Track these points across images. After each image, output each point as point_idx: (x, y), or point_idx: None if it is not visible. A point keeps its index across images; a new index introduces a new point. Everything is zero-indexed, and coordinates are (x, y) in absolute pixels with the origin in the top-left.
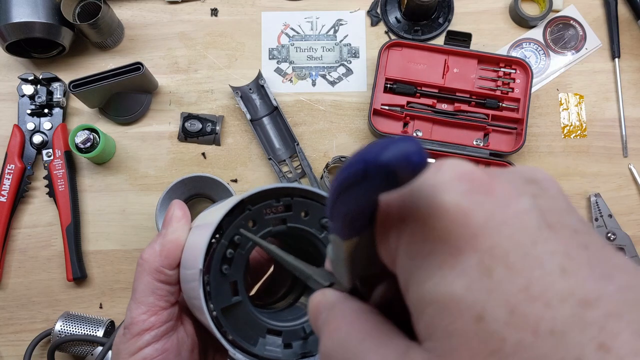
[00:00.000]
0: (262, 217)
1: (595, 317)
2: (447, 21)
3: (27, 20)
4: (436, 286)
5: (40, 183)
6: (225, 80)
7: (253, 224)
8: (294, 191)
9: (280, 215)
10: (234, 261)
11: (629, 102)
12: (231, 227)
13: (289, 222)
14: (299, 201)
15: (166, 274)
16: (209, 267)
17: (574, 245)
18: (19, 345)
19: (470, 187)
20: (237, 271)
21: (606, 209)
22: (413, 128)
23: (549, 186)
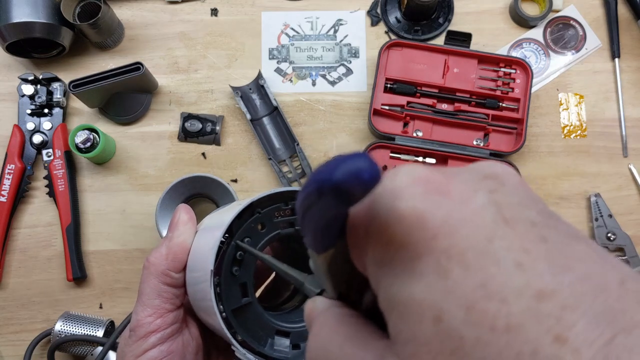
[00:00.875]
0: (271, 220)
1: (550, 310)
2: (447, 21)
3: (27, 20)
4: (398, 291)
5: (40, 183)
6: (225, 80)
7: (262, 227)
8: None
9: (288, 218)
10: (244, 263)
11: (629, 102)
12: (241, 230)
13: (297, 225)
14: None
15: (172, 276)
16: (219, 269)
17: (531, 239)
18: (19, 345)
19: (426, 189)
20: (247, 273)
21: (606, 209)
22: (413, 128)
23: (507, 180)
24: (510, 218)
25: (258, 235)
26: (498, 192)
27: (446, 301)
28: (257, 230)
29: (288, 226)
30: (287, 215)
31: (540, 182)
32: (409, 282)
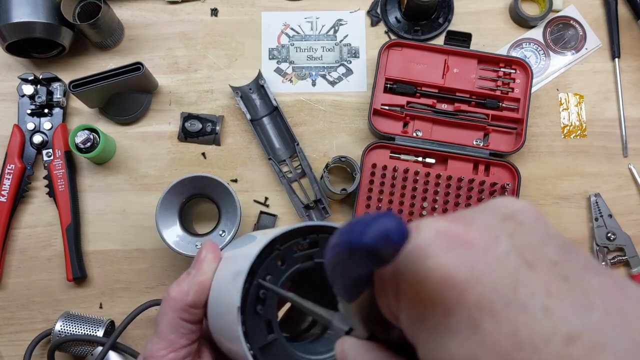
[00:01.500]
0: (291, 255)
1: (580, 352)
2: (447, 21)
3: (27, 20)
4: (435, 348)
5: (40, 183)
6: (225, 80)
7: (282, 263)
8: (320, 228)
9: (307, 252)
10: (267, 300)
11: (629, 102)
12: (262, 268)
13: (315, 258)
14: (324, 237)
15: (191, 312)
16: (244, 308)
17: (553, 280)
18: (19, 345)
19: (449, 243)
20: (271, 310)
21: (606, 209)
22: (413, 128)
23: (525, 218)
24: (531, 260)
25: (278, 271)
26: (517, 233)
27: (481, 354)
28: (277, 266)
29: (307, 260)
30: (306, 249)
31: (540, 182)
32: (444, 338)
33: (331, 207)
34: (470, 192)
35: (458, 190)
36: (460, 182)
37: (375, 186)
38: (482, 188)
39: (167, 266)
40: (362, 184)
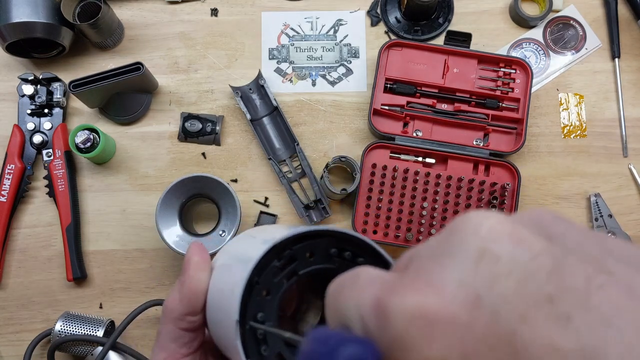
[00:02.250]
0: (272, 282)
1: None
2: (447, 21)
3: (27, 20)
4: None
5: (40, 183)
6: (225, 80)
7: (267, 293)
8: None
9: (286, 272)
10: (268, 339)
11: (629, 102)
12: (250, 310)
13: (299, 270)
14: (300, 248)
15: (188, 320)
16: (247, 352)
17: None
18: (19, 345)
19: (429, 329)
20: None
21: (606, 209)
22: (413, 128)
23: (500, 247)
24: (526, 314)
25: (266, 303)
26: (498, 279)
27: None
28: (264, 299)
29: (289, 278)
30: (284, 268)
31: (540, 182)
32: None
33: (331, 207)
34: (470, 192)
35: (458, 190)
36: (460, 182)
37: (375, 186)
38: (482, 188)
39: (167, 266)
40: (362, 184)
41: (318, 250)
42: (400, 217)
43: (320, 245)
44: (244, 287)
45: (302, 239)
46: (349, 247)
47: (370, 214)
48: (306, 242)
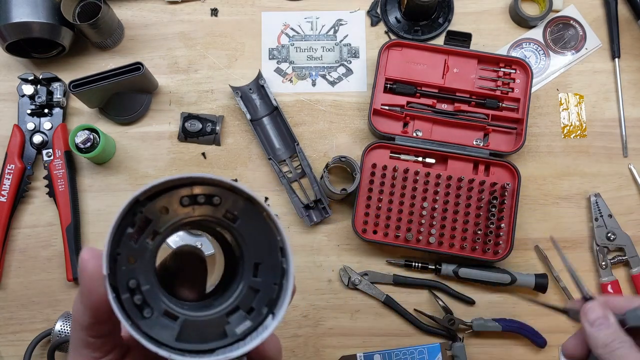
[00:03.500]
0: (133, 248)
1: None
2: (447, 21)
3: (27, 20)
4: None
5: (40, 183)
6: (225, 80)
7: (133, 261)
8: (136, 204)
9: (147, 230)
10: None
11: (629, 102)
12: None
13: (159, 229)
14: (149, 206)
15: (97, 329)
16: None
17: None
18: (19, 345)
19: None
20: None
21: (606, 209)
22: (413, 128)
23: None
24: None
25: (137, 269)
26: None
27: None
28: (131, 265)
29: (153, 238)
30: (141, 231)
31: (540, 182)
32: None
33: (331, 207)
34: (470, 192)
35: (458, 190)
36: (460, 182)
37: (375, 186)
38: (482, 188)
39: None
40: (362, 184)
41: (170, 203)
42: (400, 217)
43: (168, 199)
44: (107, 264)
45: (151, 198)
46: (202, 191)
47: (370, 214)
48: (155, 199)
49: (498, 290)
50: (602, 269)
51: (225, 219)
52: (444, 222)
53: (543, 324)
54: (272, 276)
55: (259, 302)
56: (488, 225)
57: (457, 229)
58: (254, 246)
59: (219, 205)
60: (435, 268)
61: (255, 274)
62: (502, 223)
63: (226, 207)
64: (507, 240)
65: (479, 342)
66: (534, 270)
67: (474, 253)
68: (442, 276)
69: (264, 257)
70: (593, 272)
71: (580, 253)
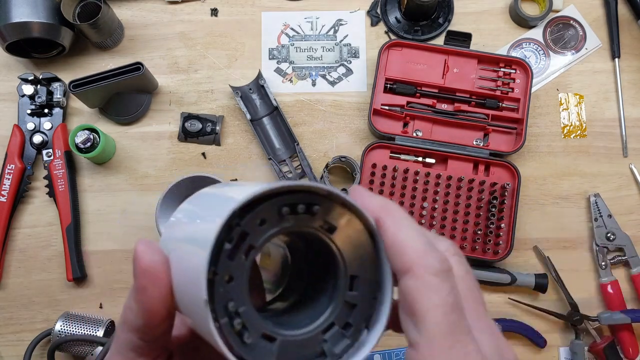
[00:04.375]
0: (231, 266)
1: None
2: (447, 21)
3: (27, 20)
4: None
5: (40, 183)
6: (225, 80)
7: (229, 279)
8: (236, 216)
9: (243, 246)
10: (247, 330)
11: (629, 102)
12: (218, 295)
13: (255, 243)
14: (248, 219)
15: (149, 333)
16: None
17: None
18: (19, 345)
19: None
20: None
21: (605, 209)
22: (413, 128)
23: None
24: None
25: (233, 289)
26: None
27: None
28: (228, 286)
29: (247, 254)
30: (238, 246)
31: (540, 182)
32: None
33: None
34: (470, 192)
35: (458, 190)
36: (460, 182)
37: (375, 186)
38: (482, 188)
39: None
40: (362, 184)
41: (268, 214)
42: None
43: (267, 209)
44: (206, 288)
45: (247, 210)
46: (299, 199)
47: None
48: (252, 211)
49: (498, 290)
50: (602, 269)
51: (323, 229)
52: (444, 222)
53: (543, 324)
54: (370, 290)
55: (356, 318)
56: (488, 225)
57: (457, 228)
58: (350, 257)
59: (317, 214)
60: None
61: (351, 287)
62: (502, 223)
63: (324, 216)
64: (507, 240)
65: None
66: (534, 270)
67: (474, 253)
68: None
69: (360, 269)
70: (593, 272)
71: (580, 253)
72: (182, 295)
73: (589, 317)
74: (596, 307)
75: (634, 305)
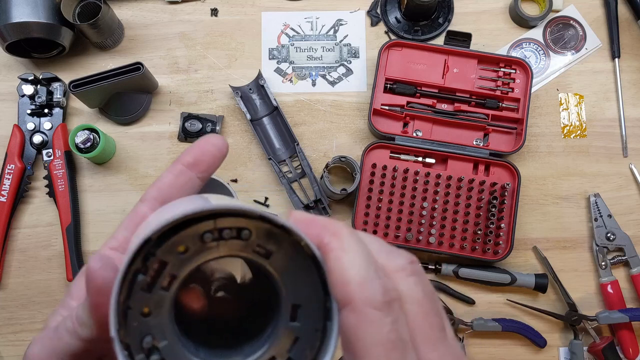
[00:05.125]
0: (149, 299)
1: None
2: (447, 21)
3: (27, 20)
4: None
5: (40, 183)
6: (225, 80)
7: (147, 314)
8: (150, 246)
9: (163, 275)
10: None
11: (629, 102)
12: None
13: (177, 272)
14: (165, 247)
15: (93, 345)
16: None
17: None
18: (19, 345)
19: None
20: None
21: (605, 209)
22: (413, 128)
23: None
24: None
25: (152, 323)
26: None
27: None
28: (144, 320)
29: (170, 284)
30: (157, 277)
31: (540, 182)
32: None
33: (331, 207)
34: (470, 192)
35: (458, 190)
36: (460, 182)
37: (375, 186)
38: (482, 188)
39: None
40: (362, 184)
41: (189, 242)
42: (400, 217)
43: (187, 236)
44: (115, 323)
45: (165, 237)
46: (227, 224)
47: (370, 214)
48: (169, 239)
49: (498, 290)
50: (602, 269)
51: (258, 255)
52: (444, 222)
53: (543, 324)
54: (314, 320)
55: (298, 352)
56: (488, 225)
57: (457, 229)
58: (291, 285)
59: (249, 239)
60: (435, 268)
61: (293, 317)
62: (502, 223)
63: (257, 241)
64: (507, 240)
65: (479, 342)
66: (534, 270)
67: (474, 253)
68: (442, 276)
69: (303, 297)
70: (593, 272)
71: (580, 253)
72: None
73: (587, 317)
74: (596, 307)
75: (634, 306)
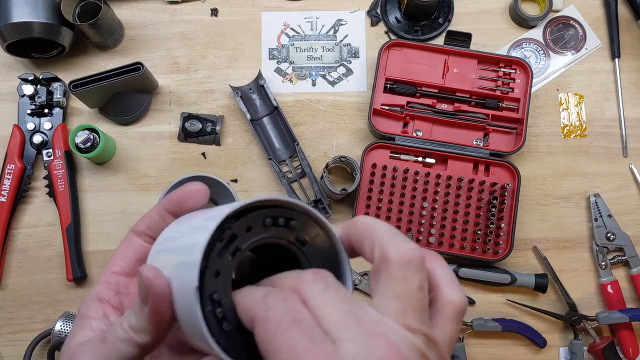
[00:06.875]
0: (219, 262)
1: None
2: (447, 21)
3: (27, 20)
4: None
5: (40, 183)
6: (225, 80)
7: (217, 274)
8: (228, 219)
9: (231, 247)
10: (225, 317)
11: (629, 102)
12: (207, 283)
13: (241, 246)
14: (237, 224)
15: (151, 347)
16: (212, 331)
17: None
18: (19, 345)
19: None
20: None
21: (605, 209)
22: (413, 128)
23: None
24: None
25: (218, 283)
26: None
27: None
28: (215, 279)
29: (234, 255)
30: (227, 247)
31: (540, 182)
32: None
33: (331, 207)
34: (470, 192)
35: (458, 190)
36: (460, 182)
37: (375, 186)
38: (482, 188)
39: None
40: (362, 184)
41: (254, 222)
42: (401, 217)
43: (254, 218)
44: (198, 276)
45: (238, 216)
46: (281, 213)
47: (370, 214)
48: (242, 218)
49: (498, 290)
50: (602, 269)
51: (297, 242)
52: (444, 222)
53: (543, 324)
54: None
55: None
56: (488, 225)
57: (457, 229)
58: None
59: (294, 229)
60: None
61: None
62: (502, 223)
63: (299, 231)
64: (507, 240)
65: (479, 342)
66: (534, 270)
67: (474, 253)
68: None
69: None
70: (593, 272)
71: (580, 253)
72: (175, 294)
73: (587, 317)
74: (596, 307)
75: (634, 306)
